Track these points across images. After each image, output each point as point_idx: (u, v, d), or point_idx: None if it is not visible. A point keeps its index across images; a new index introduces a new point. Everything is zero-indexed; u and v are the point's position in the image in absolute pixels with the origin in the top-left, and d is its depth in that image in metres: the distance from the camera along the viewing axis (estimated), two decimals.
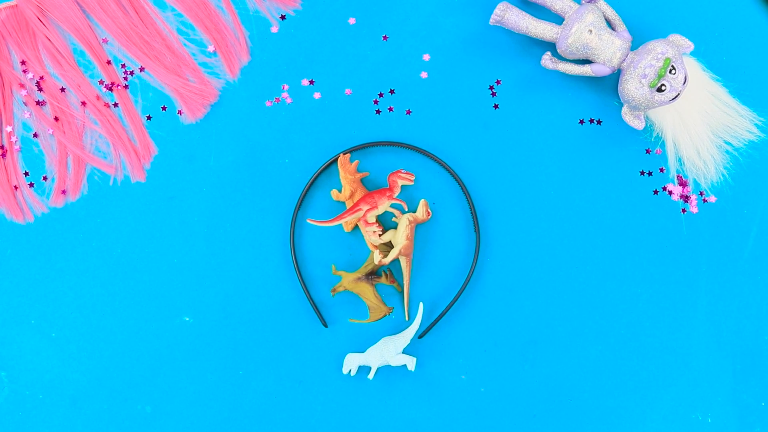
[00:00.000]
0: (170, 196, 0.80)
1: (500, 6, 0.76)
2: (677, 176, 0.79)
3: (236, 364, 0.79)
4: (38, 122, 0.79)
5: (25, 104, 0.79)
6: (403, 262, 0.77)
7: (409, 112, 0.80)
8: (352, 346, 0.79)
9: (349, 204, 0.77)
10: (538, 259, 0.79)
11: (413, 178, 0.77)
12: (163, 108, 0.80)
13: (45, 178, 0.79)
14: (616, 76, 0.79)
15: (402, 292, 0.78)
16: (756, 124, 0.79)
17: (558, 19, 0.78)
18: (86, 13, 0.80)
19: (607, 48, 0.74)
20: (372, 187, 0.79)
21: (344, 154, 0.77)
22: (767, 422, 0.79)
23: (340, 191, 0.78)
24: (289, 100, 0.80)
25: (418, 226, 0.79)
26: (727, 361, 0.79)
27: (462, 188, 0.79)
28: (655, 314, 0.79)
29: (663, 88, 0.73)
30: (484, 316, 0.79)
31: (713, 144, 0.78)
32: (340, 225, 0.78)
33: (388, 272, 0.78)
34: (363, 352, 0.78)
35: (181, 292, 0.79)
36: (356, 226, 0.78)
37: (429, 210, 0.77)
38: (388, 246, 0.78)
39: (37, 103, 0.79)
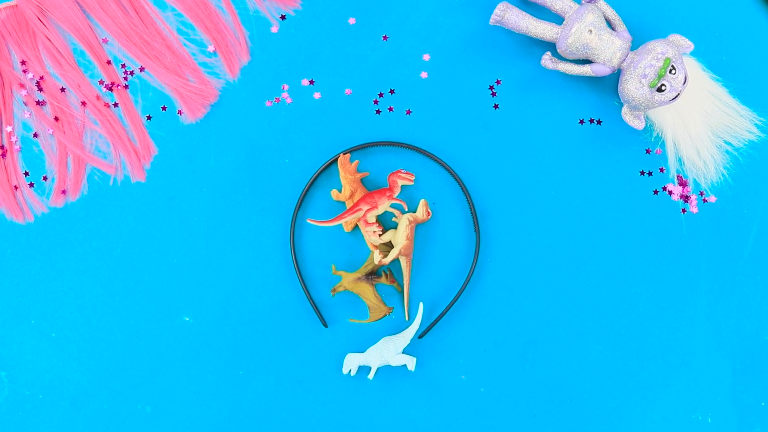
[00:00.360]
0: (170, 196, 0.80)
1: (500, 6, 0.76)
2: (677, 176, 0.79)
3: (236, 364, 0.79)
4: (38, 122, 0.79)
5: (25, 104, 0.79)
6: (403, 262, 0.77)
7: (409, 112, 0.80)
8: (352, 346, 0.79)
9: (349, 204, 0.77)
10: (538, 259, 0.79)
11: (413, 178, 0.77)
12: (163, 108, 0.80)
13: (45, 178, 0.79)
14: (616, 76, 0.79)
15: (402, 292, 0.78)
16: (756, 124, 0.79)
17: (558, 19, 0.78)
18: (86, 13, 0.80)
19: (607, 48, 0.74)
20: (372, 187, 0.79)
21: (344, 154, 0.77)
22: (767, 422, 0.79)
23: (340, 191, 0.78)
24: (289, 100, 0.80)
25: (418, 226, 0.79)
26: (727, 361, 0.79)
27: (462, 188, 0.79)
28: (655, 314, 0.79)
29: (663, 88, 0.73)
30: (484, 316, 0.79)
31: (713, 144, 0.78)
32: (340, 225, 0.78)
33: (388, 272, 0.78)
34: (363, 352, 0.78)
35: (181, 292, 0.79)
36: (356, 226, 0.78)
37: (429, 210, 0.77)
38: (388, 246, 0.78)
39: (37, 103, 0.79)
